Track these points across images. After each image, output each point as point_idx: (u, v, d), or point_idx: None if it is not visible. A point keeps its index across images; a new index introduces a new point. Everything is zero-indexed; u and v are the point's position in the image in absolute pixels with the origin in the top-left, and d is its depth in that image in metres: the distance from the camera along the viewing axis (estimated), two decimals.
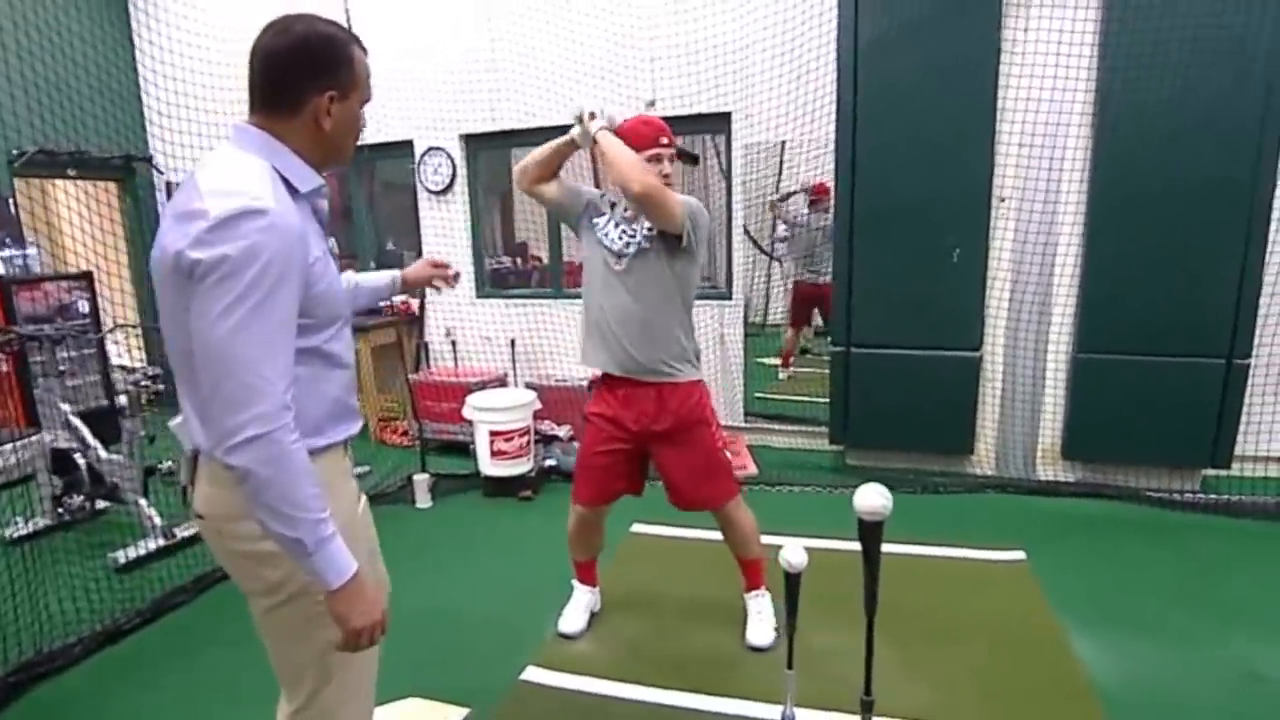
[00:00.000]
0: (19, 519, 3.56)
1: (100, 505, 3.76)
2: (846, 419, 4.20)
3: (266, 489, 1.13)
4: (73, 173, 5.25)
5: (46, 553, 3.22)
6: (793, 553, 1.78)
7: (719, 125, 4.66)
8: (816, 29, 4.17)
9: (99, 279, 4.83)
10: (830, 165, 4.10)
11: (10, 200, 5.07)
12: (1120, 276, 3.69)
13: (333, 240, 1.47)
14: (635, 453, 2.52)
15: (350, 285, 1.68)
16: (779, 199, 4.73)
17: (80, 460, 3.58)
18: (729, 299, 4.83)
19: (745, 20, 4.39)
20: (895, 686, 2.22)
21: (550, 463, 4.29)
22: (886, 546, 1.59)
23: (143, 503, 3.49)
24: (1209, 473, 3.82)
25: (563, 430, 4.49)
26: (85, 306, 5.02)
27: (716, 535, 2.63)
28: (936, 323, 3.97)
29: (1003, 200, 3.90)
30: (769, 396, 4.97)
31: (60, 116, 4.35)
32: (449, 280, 1.96)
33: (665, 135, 2.32)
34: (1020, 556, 3.18)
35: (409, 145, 5.27)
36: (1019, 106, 3.75)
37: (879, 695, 1.74)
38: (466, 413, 4.10)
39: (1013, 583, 3.01)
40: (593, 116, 2.27)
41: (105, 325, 4.71)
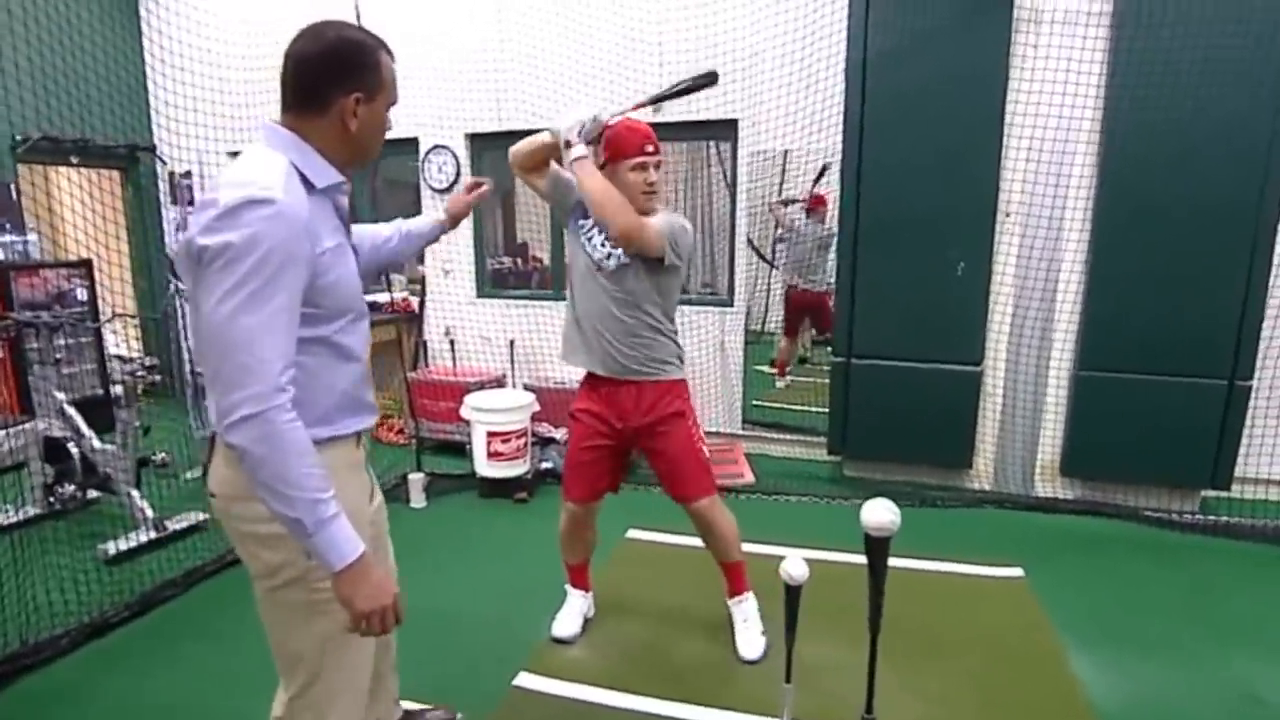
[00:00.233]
0: (9, 507, 3.52)
1: (91, 495, 3.72)
2: (845, 430, 4.18)
3: (262, 467, 1.18)
4: (76, 160, 5.23)
5: (35, 542, 3.17)
6: (794, 565, 1.76)
7: (725, 132, 4.66)
8: (826, 38, 4.16)
9: (98, 267, 4.81)
10: (834, 183, 4.08)
11: (12, 186, 5.04)
12: (1124, 294, 3.68)
13: None
14: (619, 449, 2.53)
15: (401, 232, 1.84)
16: (780, 202, 4.72)
17: (73, 449, 3.54)
18: (730, 306, 4.81)
19: (754, 27, 4.39)
20: (892, 701, 2.19)
21: (546, 465, 4.26)
22: None
23: (135, 494, 3.45)
24: (1209, 494, 3.80)
25: (560, 433, 4.45)
26: (83, 294, 5.00)
27: None
28: (938, 336, 3.95)
29: (1008, 215, 3.89)
30: (767, 405, 4.95)
31: (66, 103, 4.33)
32: (484, 194, 2.05)
33: (651, 142, 2.30)
34: (1018, 573, 3.16)
35: (414, 143, 5.26)
36: (1027, 121, 3.74)
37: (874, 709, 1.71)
38: (464, 413, 4.08)
39: (1011, 599, 2.99)
40: (569, 145, 2.22)
41: (103, 314, 4.68)
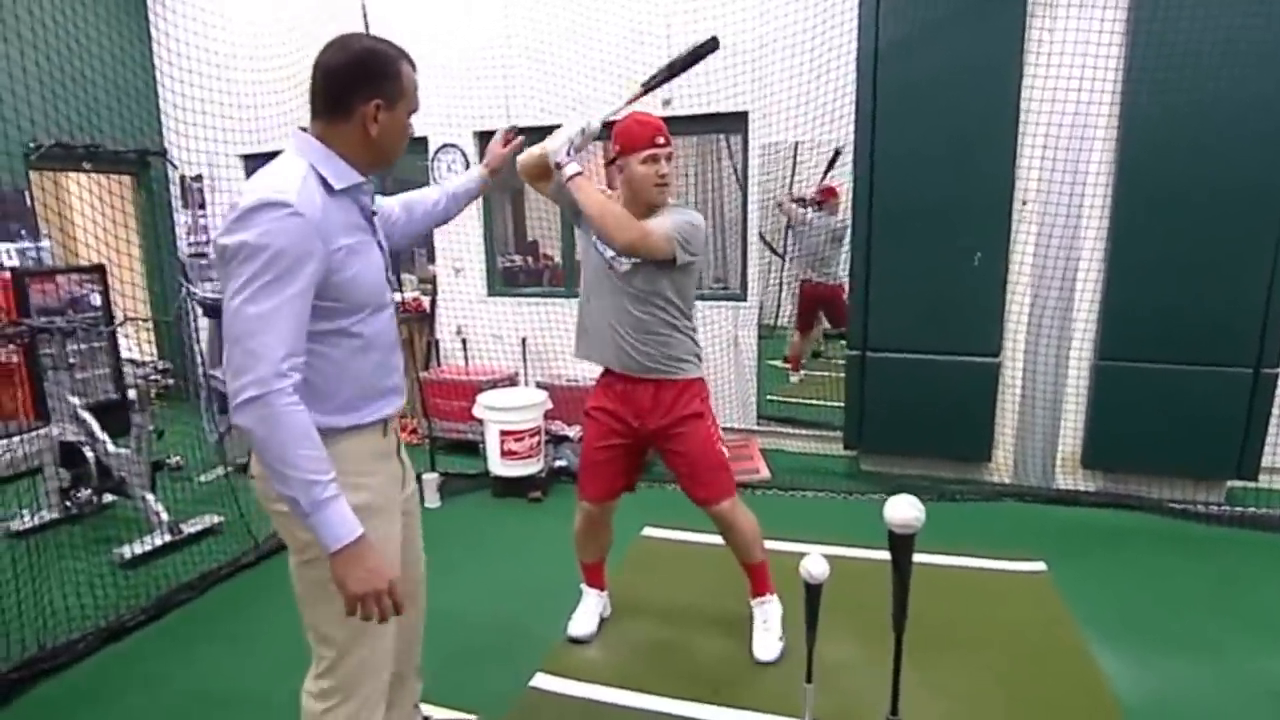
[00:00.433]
0: (25, 512, 3.53)
1: (107, 499, 3.73)
2: (861, 424, 4.13)
3: (264, 448, 1.27)
4: (88, 166, 5.25)
5: (51, 547, 3.19)
6: (814, 564, 1.71)
7: (736, 125, 4.61)
8: (836, 28, 4.11)
9: (111, 272, 4.83)
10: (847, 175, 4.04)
11: (26, 193, 5.07)
12: (1144, 282, 3.61)
13: None
14: (635, 448, 2.49)
15: (448, 193, 1.95)
16: (792, 199, 4.67)
17: (88, 454, 3.56)
18: (744, 300, 4.77)
19: (764, 18, 4.33)
20: (915, 700, 2.14)
21: (560, 463, 4.24)
22: None
23: (150, 497, 3.46)
24: (1234, 484, 3.73)
25: (573, 431, 4.43)
26: (97, 299, 5.03)
27: None
28: (955, 328, 3.89)
29: (1025, 203, 3.82)
30: (782, 399, 4.91)
31: (76, 109, 4.34)
32: (519, 144, 2.10)
33: (661, 134, 2.25)
34: (1041, 567, 3.11)
35: (423, 141, 5.24)
36: (1043, 108, 3.67)
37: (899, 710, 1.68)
38: (477, 411, 4.06)
39: (1033, 593, 2.94)
40: (559, 167, 2.19)
41: (116, 319, 4.70)
